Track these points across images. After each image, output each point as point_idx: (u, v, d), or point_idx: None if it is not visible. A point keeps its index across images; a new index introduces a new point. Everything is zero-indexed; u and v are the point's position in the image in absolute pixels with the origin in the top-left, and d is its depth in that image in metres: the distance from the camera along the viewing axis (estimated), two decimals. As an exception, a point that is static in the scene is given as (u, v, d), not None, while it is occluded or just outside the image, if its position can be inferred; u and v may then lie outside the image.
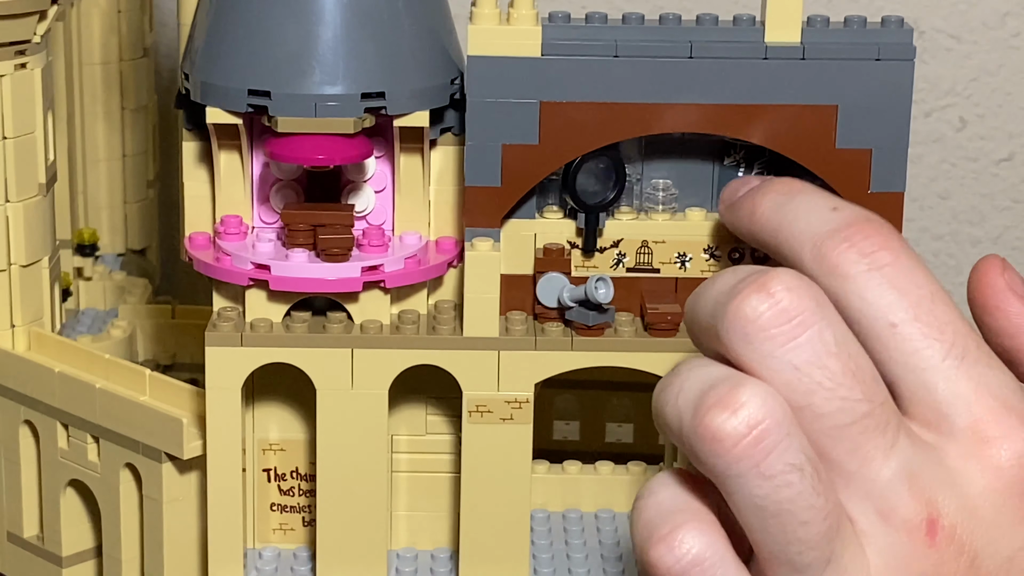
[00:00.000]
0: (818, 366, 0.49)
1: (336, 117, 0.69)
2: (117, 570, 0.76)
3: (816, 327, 0.50)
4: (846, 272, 0.53)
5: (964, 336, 0.52)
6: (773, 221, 0.58)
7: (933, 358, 0.52)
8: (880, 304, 0.52)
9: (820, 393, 0.49)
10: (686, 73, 0.69)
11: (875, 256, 0.53)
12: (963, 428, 0.51)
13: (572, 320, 0.71)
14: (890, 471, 0.50)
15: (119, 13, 0.99)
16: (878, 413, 0.50)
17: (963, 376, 0.52)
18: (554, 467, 0.80)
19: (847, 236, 0.54)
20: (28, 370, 0.78)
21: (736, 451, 0.49)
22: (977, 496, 0.51)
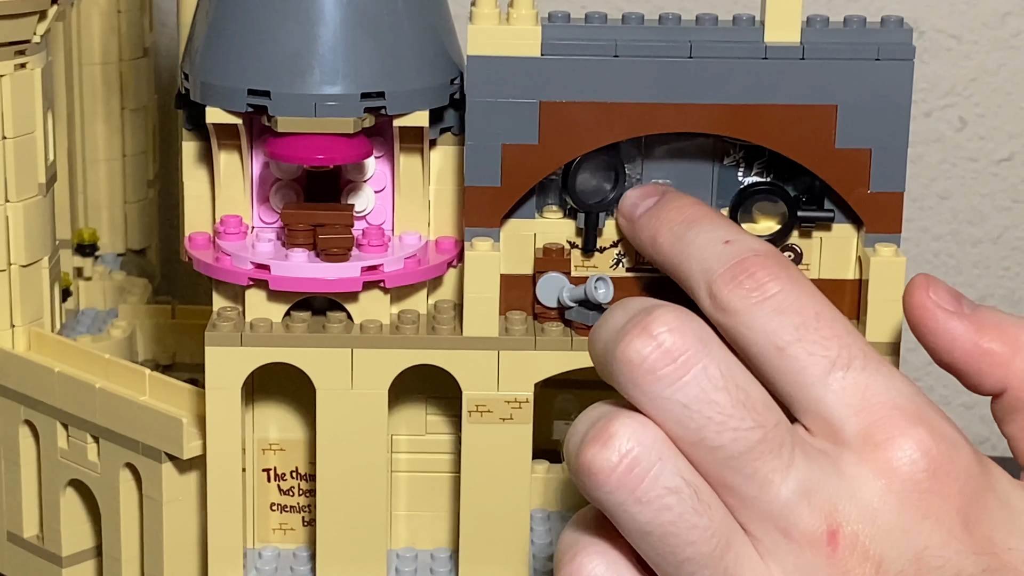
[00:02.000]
0: (706, 402, 0.52)
1: (336, 117, 0.69)
2: (117, 570, 0.76)
3: (701, 364, 0.52)
4: (735, 308, 0.56)
5: (849, 347, 0.54)
6: (670, 255, 0.61)
7: (819, 372, 0.54)
8: (767, 331, 0.55)
9: (711, 427, 0.52)
10: (686, 73, 0.69)
11: (762, 288, 0.56)
12: (854, 435, 0.53)
13: (572, 320, 0.71)
14: (788, 491, 0.52)
15: (119, 13, 0.99)
16: (771, 436, 0.52)
17: (849, 385, 0.54)
18: (554, 467, 0.80)
19: (734, 275, 0.57)
20: (28, 370, 0.78)
21: (612, 481, 0.52)
22: (876, 500, 0.52)
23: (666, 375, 0.52)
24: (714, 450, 0.52)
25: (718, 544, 0.52)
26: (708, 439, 0.52)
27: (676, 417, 0.52)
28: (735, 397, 0.52)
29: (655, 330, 0.52)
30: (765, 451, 0.52)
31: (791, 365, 0.54)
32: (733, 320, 0.56)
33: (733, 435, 0.52)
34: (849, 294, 0.72)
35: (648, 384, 0.52)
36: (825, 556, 0.52)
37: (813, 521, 0.52)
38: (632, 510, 0.52)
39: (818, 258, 0.72)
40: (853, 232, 0.72)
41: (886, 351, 0.70)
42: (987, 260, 1.21)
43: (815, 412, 0.54)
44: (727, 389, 0.52)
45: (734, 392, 0.52)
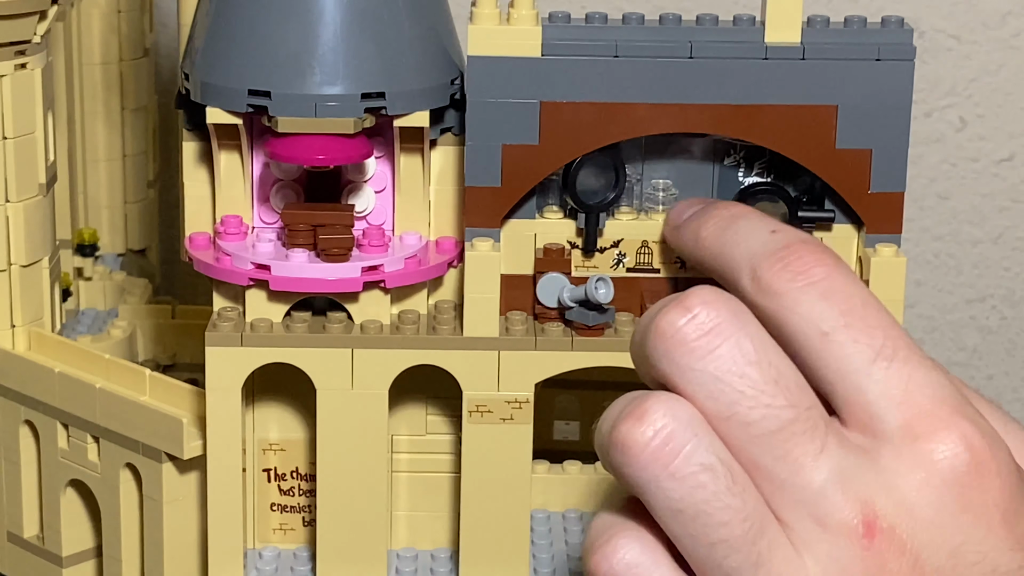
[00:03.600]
0: (738, 375, 0.51)
1: (336, 117, 0.69)
2: (117, 570, 0.76)
3: (734, 337, 0.52)
4: (779, 290, 0.55)
5: (894, 338, 0.54)
6: (715, 246, 0.61)
7: (863, 361, 0.53)
8: (811, 315, 0.54)
9: (743, 402, 0.51)
10: (686, 73, 0.69)
11: (808, 272, 0.55)
12: (895, 428, 0.52)
13: (572, 320, 0.71)
14: (821, 476, 0.51)
15: (119, 13, 0.99)
16: (804, 418, 0.52)
17: (893, 376, 0.53)
18: (554, 467, 0.80)
19: (781, 257, 0.56)
20: (28, 370, 0.78)
21: (645, 455, 0.51)
22: (914, 494, 0.52)
23: (699, 346, 0.52)
24: (746, 426, 0.51)
25: (751, 528, 0.51)
26: (740, 414, 0.51)
27: (708, 391, 0.51)
28: (768, 374, 0.52)
29: (689, 303, 0.52)
30: (798, 431, 0.51)
31: (835, 351, 0.53)
32: (777, 303, 0.55)
33: (765, 411, 0.51)
34: (849, 294, 0.72)
35: (680, 355, 0.52)
36: (861, 548, 0.51)
37: (848, 511, 0.51)
38: (665, 486, 0.51)
39: (818, 258, 0.72)
40: (853, 232, 0.72)
41: (886, 351, 0.70)
42: (987, 260, 1.21)
43: (855, 402, 0.53)
44: (760, 364, 0.52)
45: (767, 368, 0.52)
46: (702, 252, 0.62)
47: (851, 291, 0.55)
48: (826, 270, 0.55)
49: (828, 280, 0.55)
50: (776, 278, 0.55)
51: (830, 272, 0.55)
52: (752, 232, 0.59)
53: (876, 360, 0.53)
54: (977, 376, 1.21)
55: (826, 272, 0.55)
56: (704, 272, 0.63)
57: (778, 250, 0.56)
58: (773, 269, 0.55)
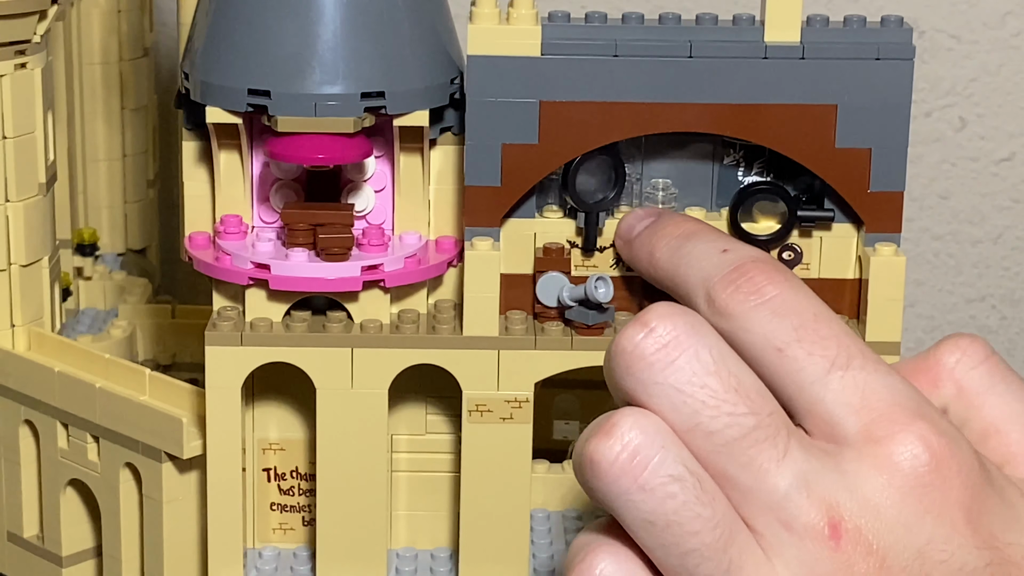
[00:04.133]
0: (699, 385, 0.52)
1: (336, 117, 0.69)
2: (117, 570, 0.76)
3: (692, 349, 0.53)
4: (733, 311, 0.57)
5: (847, 347, 0.55)
6: (669, 267, 0.63)
7: (818, 372, 0.54)
8: (765, 332, 0.55)
9: (705, 411, 0.52)
10: (686, 73, 0.69)
11: (760, 292, 0.57)
12: (855, 433, 0.53)
13: (572, 320, 0.71)
14: (786, 481, 0.52)
15: (119, 13, 1.00)
16: (766, 424, 0.52)
17: (849, 384, 0.54)
18: (554, 467, 0.80)
19: (733, 279, 0.57)
20: (28, 370, 0.78)
21: (614, 470, 0.52)
22: (878, 496, 0.52)
23: (657, 359, 0.53)
24: (710, 435, 0.52)
25: (722, 535, 0.52)
26: (703, 424, 0.52)
27: (671, 402, 0.52)
28: (727, 382, 0.53)
29: (647, 319, 0.53)
30: (760, 438, 0.52)
31: (790, 365, 0.54)
32: (731, 324, 0.56)
33: (727, 419, 0.52)
34: (849, 294, 0.72)
35: (640, 370, 0.53)
36: (829, 550, 0.52)
37: (813, 514, 0.52)
38: (635, 498, 0.52)
39: (818, 258, 0.72)
40: (853, 232, 0.72)
41: (886, 350, 0.70)
42: (987, 260, 1.21)
43: (815, 412, 0.54)
44: (719, 374, 0.53)
45: (726, 377, 0.53)
46: (656, 272, 0.64)
47: (802, 306, 0.56)
48: (777, 287, 0.56)
49: (780, 297, 0.56)
50: (729, 300, 0.57)
51: (781, 290, 0.56)
52: (704, 254, 0.60)
53: (831, 370, 0.54)
54: (977, 376, 1.21)
55: (777, 289, 0.56)
56: (658, 287, 0.65)
57: (730, 272, 0.57)
58: (726, 291, 0.57)
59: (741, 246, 0.60)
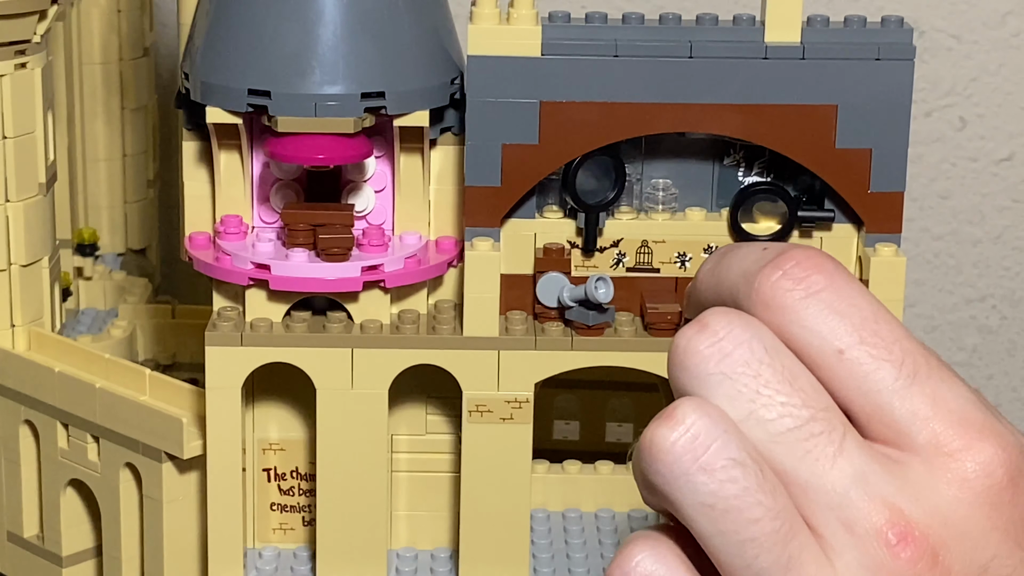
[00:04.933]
0: (751, 375, 0.51)
1: (336, 117, 0.69)
2: (117, 570, 0.76)
3: (746, 342, 0.52)
4: (782, 303, 0.54)
5: (913, 353, 0.53)
6: (712, 280, 0.60)
7: (885, 379, 0.53)
8: (822, 331, 0.53)
9: (759, 400, 0.51)
10: (686, 73, 0.69)
11: (808, 281, 0.54)
12: (924, 444, 0.52)
13: (572, 320, 0.71)
14: (844, 478, 0.51)
15: (119, 13, 0.99)
16: (822, 418, 0.51)
17: (917, 393, 0.52)
18: (554, 467, 0.80)
19: (777, 265, 0.55)
20: (28, 370, 0.78)
21: (676, 449, 0.50)
22: (946, 508, 0.51)
23: (712, 353, 0.52)
24: (764, 423, 0.51)
25: (781, 527, 0.51)
26: (757, 412, 0.51)
27: (725, 392, 0.51)
28: (781, 374, 0.52)
29: (704, 318, 0.52)
30: (815, 431, 0.51)
31: (853, 369, 0.52)
32: (781, 317, 0.53)
33: (781, 409, 0.51)
34: (849, 294, 0.72)
35: (695, 364, 0.52)
36: (892, 558, 0.51)
37: (876, 517, 0.51)
38: (696, 480, 0.51)
39: (818, 258, 0.72)
40: (853, 232, 0.72)
41: (886, 351, 0.70)
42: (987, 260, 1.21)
43: (880, 420, 0.52)
44: (772, 365, 0.52)
45: (780, 369, 0.52)
46: (701, 291, 0.62)
47: (858, 302, 0.53)
48: (826, 277, 0.53)
49: (830, 289, 0.53)
50: (775, 288, 0.54)
51: (831, 280, 0.53)
52: (744, 254, 0.57)
53: (898, 378, 0.52)
54: (977, 376, 1.21)
55: (827, 280, 0.53)
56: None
57: (774, 258, 0.54)
58: (771, 279, 0.54)
59: (782, 243, 0.58)
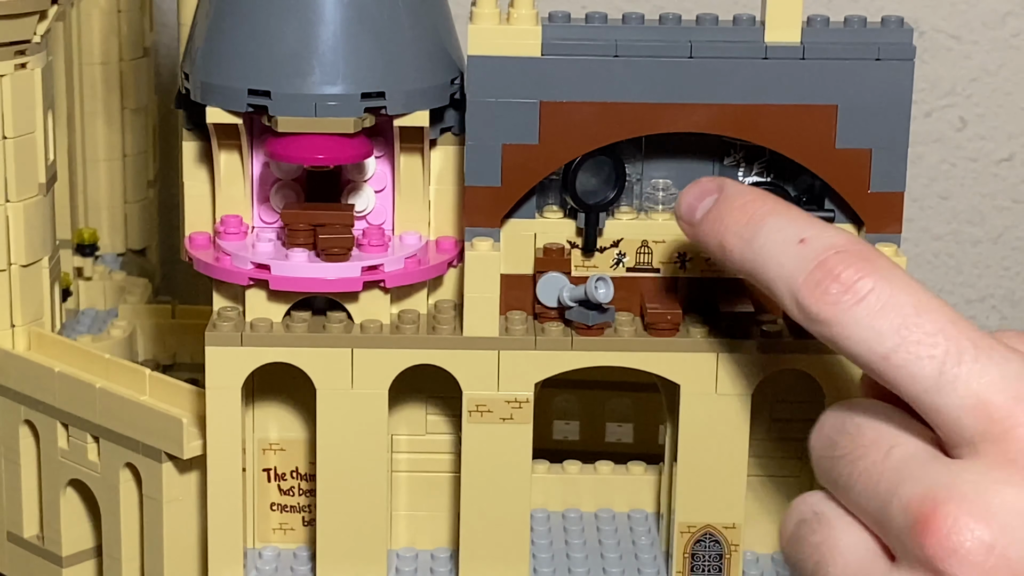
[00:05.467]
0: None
1: (336, 117, 0.69)
2: (117, 570, 0.76)
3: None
4: (828, 318, 0.54)
5: (956, 338, 0.52)
6: (746, 262, 0.59)
7: (930, 376, 0.52)
8: (867, 338, 0.53)
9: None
10: (686, 73, 0.69)
11: (852, 290, 0.54)
12: (972, 431, 0.52)
13: (572, 320, 0.71)
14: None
15: (119, 13, 1.00)
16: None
17: (961, 384, 0.52)
18: (554, 467, 0.80)
19: (819, 280, 0.54)
20: (28, 370, 0.78)
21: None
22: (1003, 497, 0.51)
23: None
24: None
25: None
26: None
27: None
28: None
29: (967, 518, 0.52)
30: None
31: (899, 374, 0.53)
32: (828, 331, 0.54)
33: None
34: (849, 294, 0.72)
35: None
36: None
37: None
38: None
39: (818, 258, 0.72)
40: (853, 232, 0.72)
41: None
42: (987, 260, 1.21)
43: (933, 421, 0.53)
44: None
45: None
46: (732, 264, 0.60)
47: (900, 299, 0.53)
48: (870, 280, 0.53)
49: (875, 293, 0.53)
50: (820, 305, 0.54)
51: (875, 282, 0.53)
52: (779, 247, 0.57)
53: (944, 371, 0.52)
54: (977, 376, 1.21)
55: (871, 283, 0.53)
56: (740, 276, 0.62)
57: (813, 271, 0.54)
58: (814, 295, 0.54)
59: (817, 231, 0.56)
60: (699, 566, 0.73)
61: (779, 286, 0.56)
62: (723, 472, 0.72)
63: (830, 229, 0.56)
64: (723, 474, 0.72)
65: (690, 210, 0.63)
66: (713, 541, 0.73)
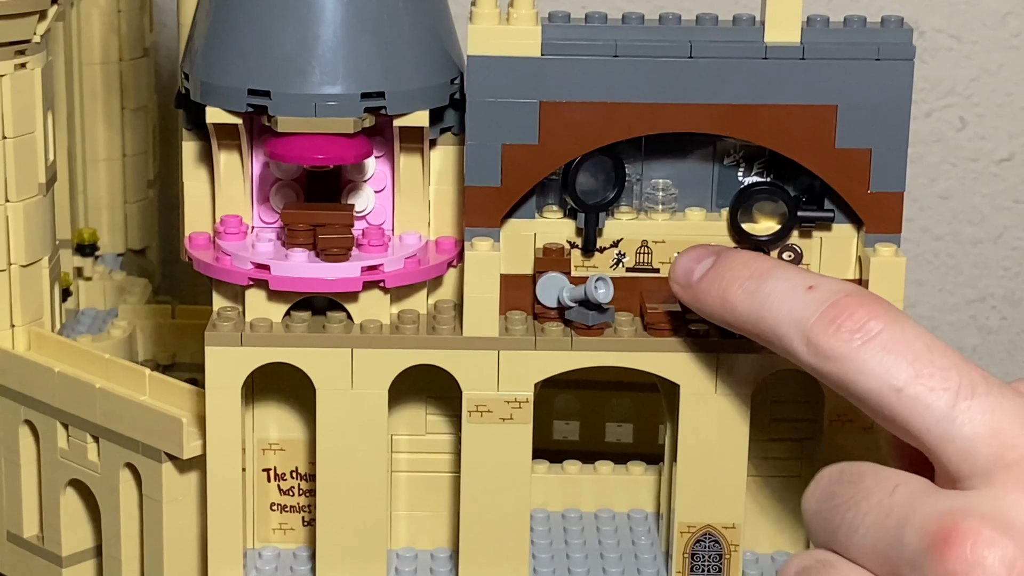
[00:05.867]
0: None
1: (336, 117, 0.69)
2: (117, 570, 0.76)
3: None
4: (841, 353, 0.55)
5: (969, 373, 0.54)
6: (752, 312, 0.60)
7: (944, 407, 0.53)
8: (880, 373, 0.54)
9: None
10: (686, 73, 0.69)
11: (864, 329, 0.55)
12: (986, 459, 0.52)
13: (572, 320, 0.71)
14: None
15: (119, 13, 1.00)
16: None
17: (976, 414, 0.53)
18: (554, 467, 0.80)
19: (832, 318, 0.55)
20: (28, 370, 0.78)
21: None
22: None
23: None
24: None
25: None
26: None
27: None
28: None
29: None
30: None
31: (913, 405, 0.53)
32: (840, 367, 0.55)
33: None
34: (849, 294, 0.72)
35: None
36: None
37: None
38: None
39: (818, 258, 0.72)
40: (853, 232, 0.72)
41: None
42: (987, 260, 1.21)
43: (945, 450, 0.53)
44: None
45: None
46: (734, 318, 0.60)
47: (911, 339, 0.54)
48: (881, 322, 0.55)
49: (887, 332, 0.54)
50: (833, 341, 0.55)
51: (886, 323, 0.54)
52: (788, 293, 0.58)
53: (956, 402, 0.53)
54: (977, 376, 1.21)
55: (882, 324, 0.54)
56: (735, 331, 0.63)
57: (827, 311, 0.56)
58: (827, 332, 0.55)
59: (826, 280, 0.58)
60: (699, 566, 0.73)
61: (787, 330, 0.57)
62: (723, 472, 0.72)
63: (835, 279, 0.58)
64: (723, 474, 0.72)
65: (687, 272, 0.65)
66: (713, 541, 0.73)
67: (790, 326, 0.57)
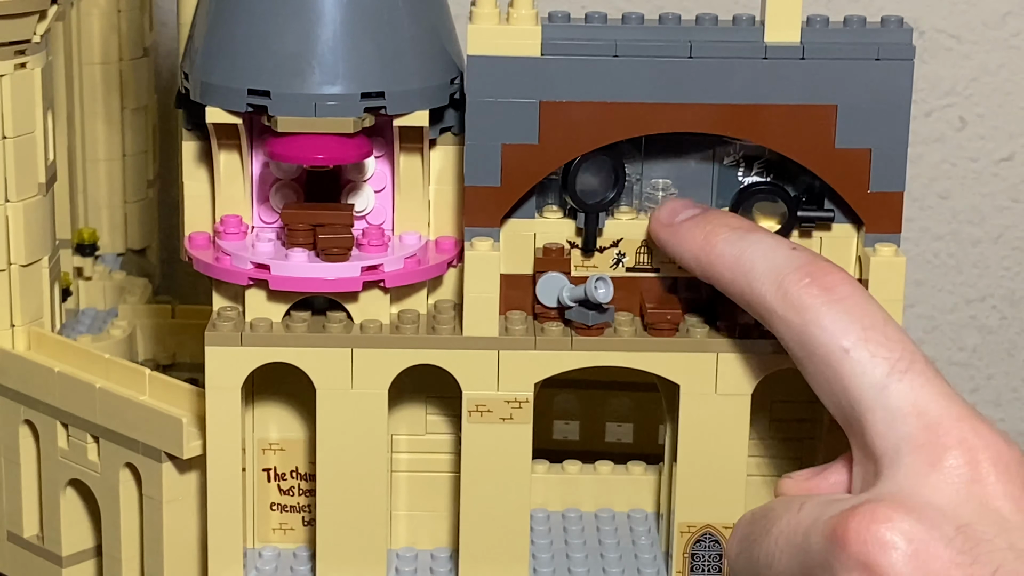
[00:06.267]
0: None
1: (336, 117, 0.69)
2: (117, 570, 0.76)
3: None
4: (806, 305, 0.59)
5: (912, 352, 0.57)
6: (731, 255, 0.63)
7: (880, 375, 0.56)
8: (835, 330, 0.58)
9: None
10: (686, 73, 0.69)
11: (835, 289, 0.59)
12: (905, 436, 0.54)
13: (572, 320, 0.71)
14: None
15: (119, 13, 1.00)
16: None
17: (906, 388, 0.56)
18: (554, 467, 0.80)
19: (809, 272, 0.59)
20: (28, 370, 0.78)
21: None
22: (935, 496, 0.53)
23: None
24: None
25: None
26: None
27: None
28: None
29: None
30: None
31: (854, 368, 0.56)
32: (802, 317, 0.58)
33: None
34: (849, 294, 0.72)
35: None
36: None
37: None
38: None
39: (818, 258, 0.72)
40: (853, 232, 0.72)
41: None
42: (987, 260, 1.21)
43: (870, 420, 0.55)
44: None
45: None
46: (709, 259, 0.64)
47: (873, 310, 0.58)
48: (851, 289, 0.58)
49: (852, 298, 0.58)
50: (804, 292, 0.59)
51: (854, 291, 0.58)
52: (773, 247, 0.62)
53: (891, 373, 0.56)
54: (977, 376, 1.21)
55: (851, 290, 0.58)
56: (701, 276, 0.65)
57: (804, 265, 0.59)
58: (801, 283, 0.59)
59: (804, 247, 0.62)
60: (699, 566, 0.73)
61: (763, 272, 0.61)
62: (723, 472, 0.72)
63: (818, 253, 0.63)
64: (723, 474, 0.72)
65: (673, 212, 0.69)
66: (713, 541, 0.73)
67: (766, 273, 0.61)
